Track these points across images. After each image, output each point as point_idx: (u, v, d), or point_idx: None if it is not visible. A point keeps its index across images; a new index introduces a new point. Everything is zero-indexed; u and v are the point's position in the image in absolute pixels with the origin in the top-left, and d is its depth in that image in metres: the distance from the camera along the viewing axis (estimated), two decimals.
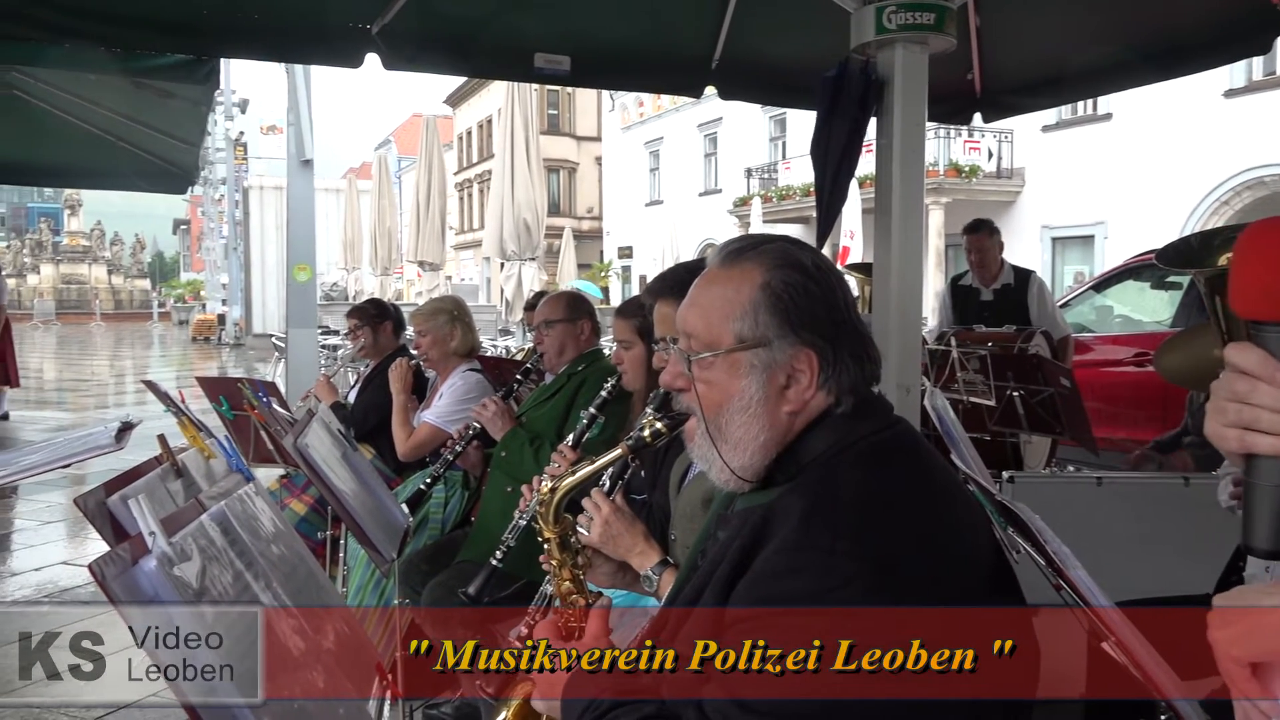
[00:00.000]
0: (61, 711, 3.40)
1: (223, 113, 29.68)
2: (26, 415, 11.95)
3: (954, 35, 3.30)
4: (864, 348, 1.31)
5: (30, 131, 6.52)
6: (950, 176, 19.63)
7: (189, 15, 3.89)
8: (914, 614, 1.09)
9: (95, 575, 1.03)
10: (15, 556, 5.81)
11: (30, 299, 45.52)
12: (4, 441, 9.94)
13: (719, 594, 1.21)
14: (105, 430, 2.42)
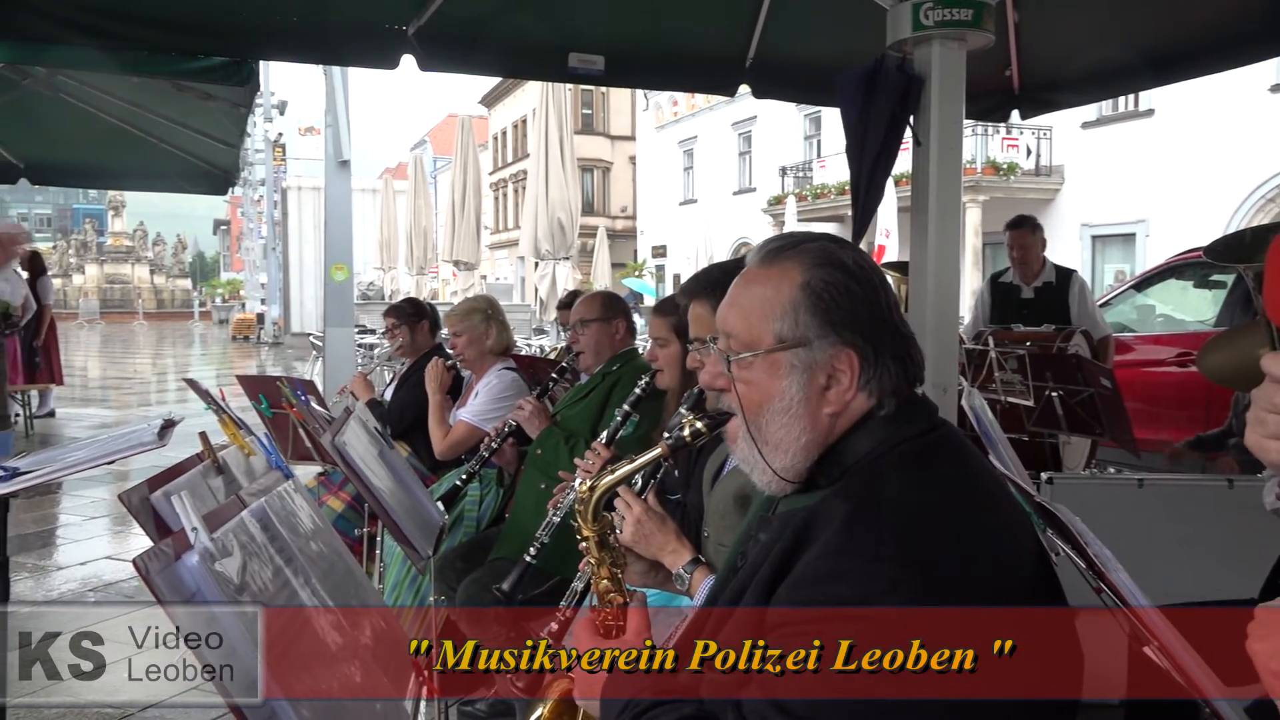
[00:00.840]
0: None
1: (262, 114, 30.05)
2: (71, 412, 12.19)
3: (992, 31, 3.27)
4: (907, 349, 1.29)
5: (76, 134, 6.65)
6: (988, 174, 19.42)
7: (229, 18, 3.95)
8: (954, 614, 1.08)
9: (139, 570, 1.05)
10: (61, 551, 5.92)
11: (75, 298, 46.37)
12: (50, 438, 10.14)
13: (760, 596, 1.20)
14: (148, 428, 2.46)
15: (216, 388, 2.96)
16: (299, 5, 4.00)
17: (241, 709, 1.08)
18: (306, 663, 1.23)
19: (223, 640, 1.11)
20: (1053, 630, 1.17)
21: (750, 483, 1.35)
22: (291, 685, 1.16)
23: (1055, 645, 1.18)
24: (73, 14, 3.67)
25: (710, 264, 2.48)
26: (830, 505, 1.20)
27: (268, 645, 1.16)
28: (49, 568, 5.53)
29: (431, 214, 21.78)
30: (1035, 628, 1.14)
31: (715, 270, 2.19)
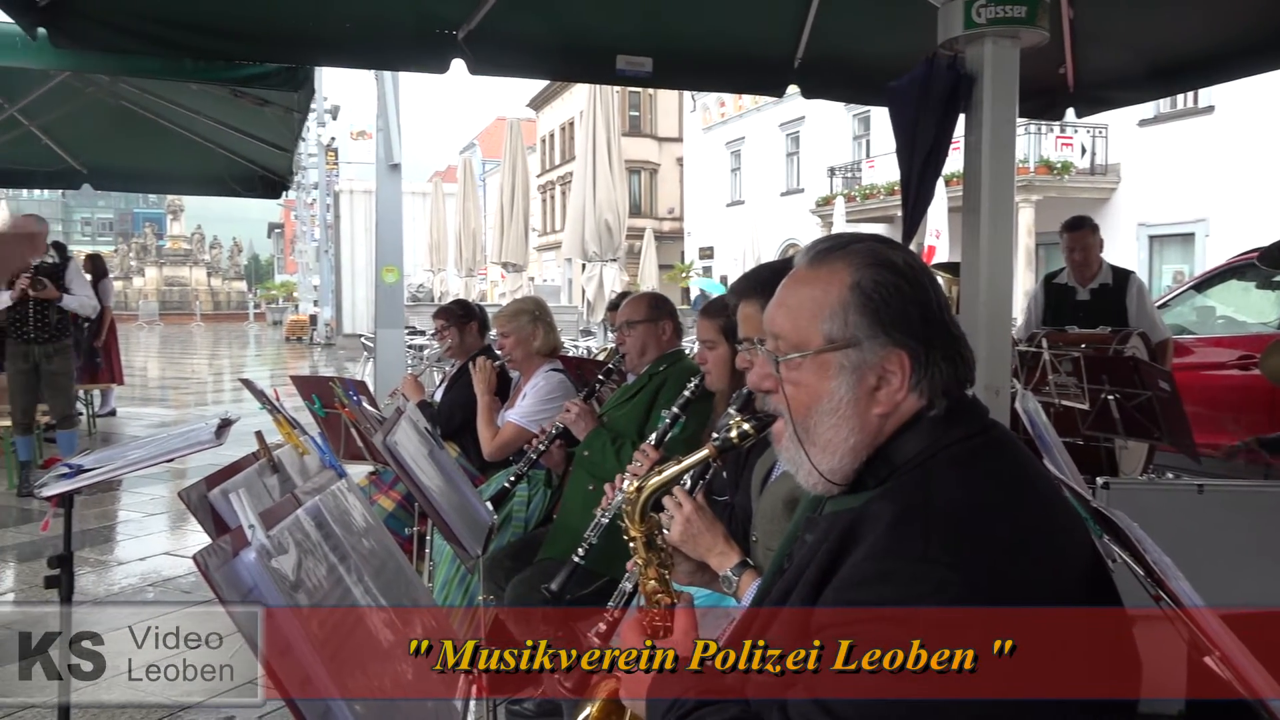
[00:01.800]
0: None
1: (315, 119, 30.52)
2: (132, 411, 12.49)
3: (1046, 28, 3.21)
4: (958, 349, 1.27)
5: (137, 140, 6.83)
6: (1041, 174, 19.10)
7: (285, 25, 4.02)
8: (1003, 615, 1.07)
9: (199, 566, 1.07)
10: (121, 547, 6.07)
11: (135, 300, 47.52)
12: (111, 437, 10.41)
13: (806, 598, 1.19)
14: (206, 427, 2.52)
15: (271, 388, 3.02)
16: (353, 12, 4.06)
17: (298, 706, 1.10)
18: (360, 660, 1.25)
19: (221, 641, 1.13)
20: (1106, 632, 1.15)
21: (799, 485, 1.34)
22: (345, 683, 1.18)
23: (1109, 647, 1.15)
24: (134, 23, 3.77)
25: (759, 264, 2.47)
26: (878, 506, 1.18)
27: (321, 643, 1.18)
28: (110, 563, 5.68)
29: (480, 216, 21.96)
30: (1087, 629, 1.12)
31: (765, 270, 2.18)
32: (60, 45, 3.69)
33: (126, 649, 2.13)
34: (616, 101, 13.11)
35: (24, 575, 5.37)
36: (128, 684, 2.21)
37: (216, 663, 2.20)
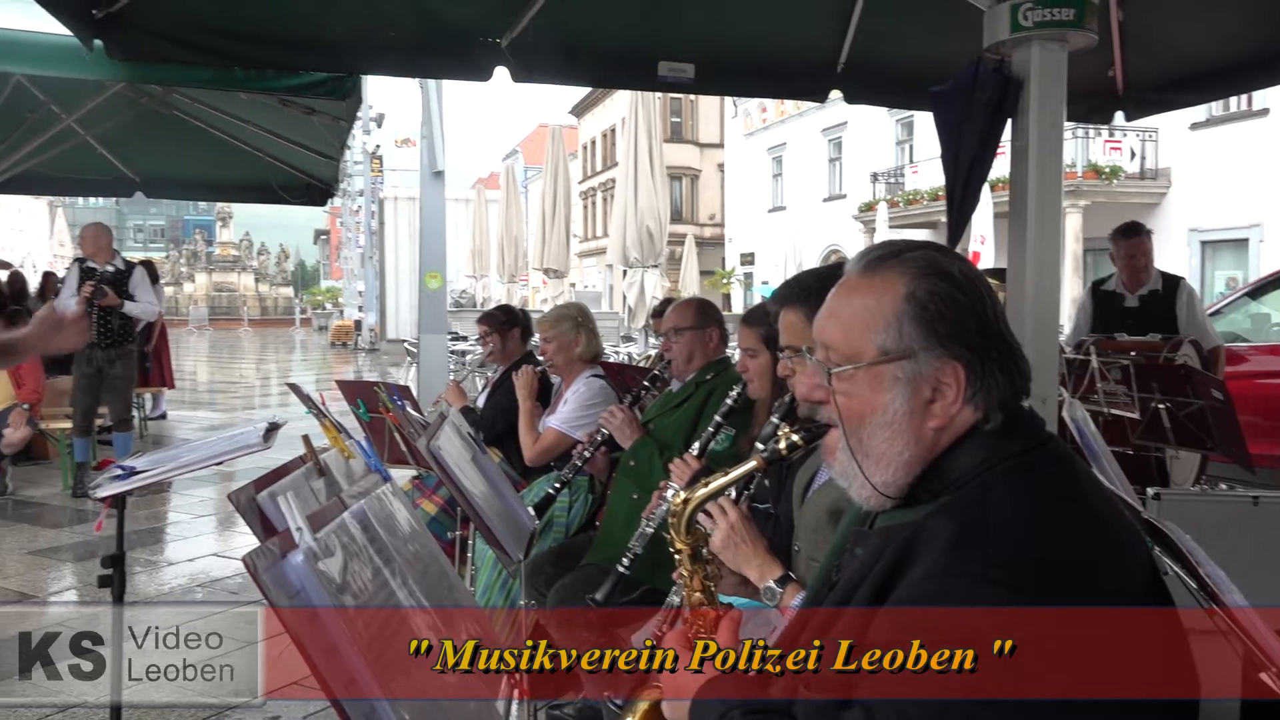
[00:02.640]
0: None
1: (360, 127, 30.94)
2: (182, 415, 12.73)
3: (1095, 31, 3.16)
4: (1014, 360, 1.24)
5: (188, 149, 6.97)
6: (1089, 178, 18.81)
7: (332, 35, 4.08)
8: (1068, 615, 1.05)
9: (248, 567, 1.09)
10: (171, 548, 6.19)
11: (186, 306, 48.48)
12: (162, 439, 10.62)
13: (861, 616, 1.17)
14: (254, 430, 2.56)
15: (317, 392, 3.06)
16: (399, 20, 4.12)
17: (344, 706, 1.11)
18: (404, 663, 1.26)
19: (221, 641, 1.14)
20: (1168, 635, 1.13)
21: (843, 497, 1.32)
22: (390, 685, 1.19)
23: (1171, 649, 1.13)
24: (187, 34, 3.85)
25: (801, 270, 2.45)
26: (935, 523, 1.16)
27: (366, 645, 1.19)
28: (160, 563, 5.79)
29: (522, 223, 22.11)
30: (1150, 630, 1.11)
31: (808, 277, 2.16)
32: (115, 57, 3.78)
33: (127, 649, 2.15)
34: (658, 108, 13.13)
35: (80, 574, 5.50)
36: (128, 684, 2.24)
37: (216, 663, 2.22)
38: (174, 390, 12.85)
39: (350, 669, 1.14)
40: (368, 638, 1.19)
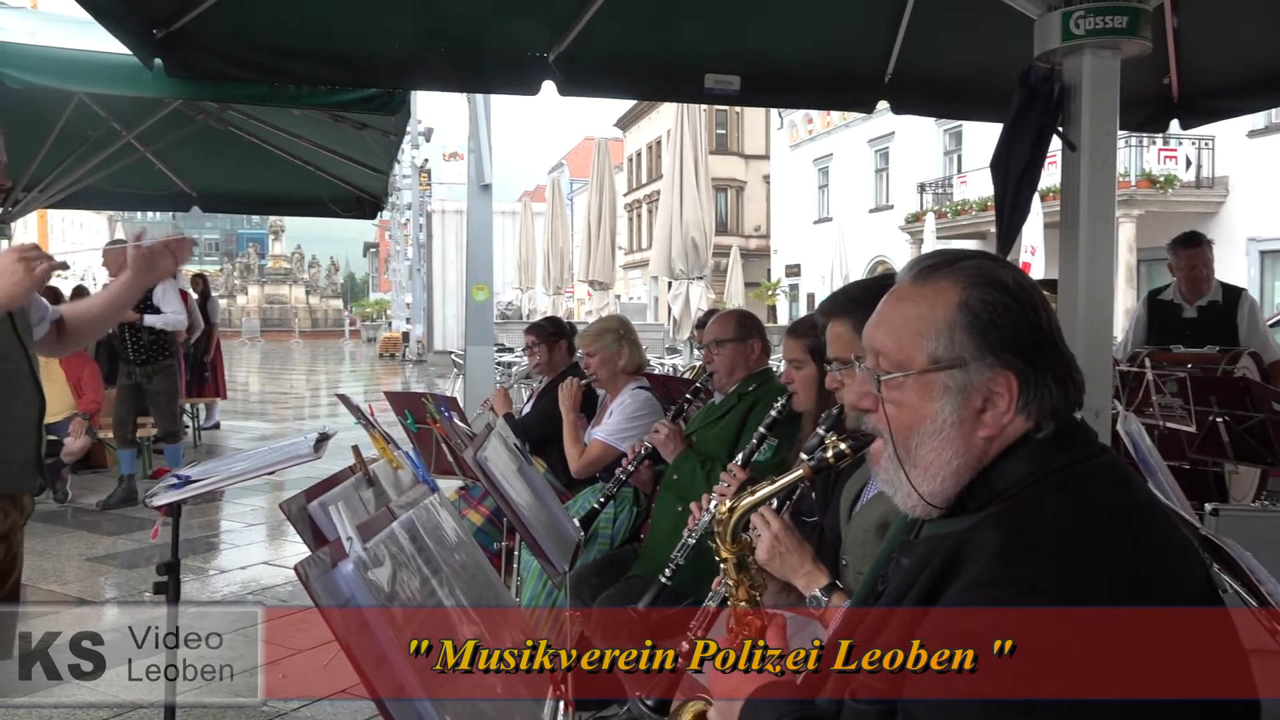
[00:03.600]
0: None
1: (409, 142, 31.36)
2: (234, 425, 12.97)
3: (1149, 39, 3.11)
4: (1067, 370, 1.23)
5: (243, 164, 7.12)
6: (1143, 187, 18.46)
7: (383, 52, 4.16)
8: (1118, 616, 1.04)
9: (300, 575, 1.11)
10: (223, 556, 6.30)
11: (239, 318, 49.42)
12: (215, 449, 10.82)
13: (906, 624, 1.16)
14: (305, 441, 2.60)
15: (366, 403, 3.10)
16: (449, 36, 4.18)
17: (387, 707, 1.12)
18: (453, 676, 1.27)
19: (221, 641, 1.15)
20: (1221, 643, 1.10)
21: (892, 510, 1.31)
22: (437, 691, 1.20)
23: (1227, 650, 1.11)
24: (242, 52, 3.95)
25: (849, 282, 2.44)
26: (982, 532, 1.15)
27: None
28: (212, 571, 5.89)
29: (568, 235, 22.22)
30: (1202, 635, 1.09)
31: (855, 288, 2.15)
32: (174, 75, 3.89)
33: (127, 649, 2.17)
34: (703, 120, 13.14)
35: (136, 581, 5.62)
36: (128, 684, 2.26)
37: (216, 663, 2.25)
38: (226, 400, 13.10)
39: (399, 676, 1.15)
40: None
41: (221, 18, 3.67)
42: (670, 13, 4.31)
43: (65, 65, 4.51)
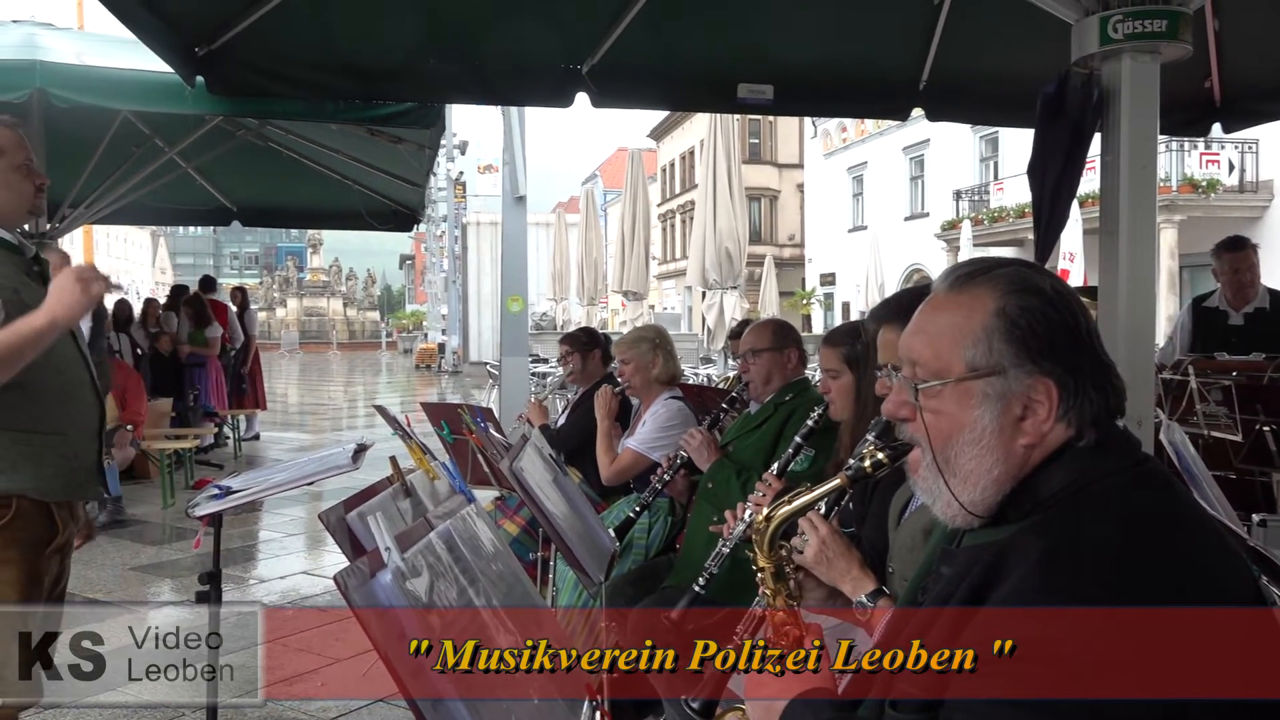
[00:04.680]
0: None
1: (445, 155, 31.64)
2: (273, 436, 13.13)
3: (1189, 42, 3.07)
4: (1108, 378, 1.22)
5: (282, 179, 7.25)
6: (1185, 192, 18.17)
7: (419, 66, 4.20)
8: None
9: (339, 585, 1.12)
10: (262, 565, 6.37)
11: (278, 330, 50.05)
12: (255, 460, 10.96)
13: (946, 634, 1.15)
14: (343, 451, 2.63)
15: (402, 414, 3.13)
16: (484, 50, 4.22)
17: (419, 707, 1.13)
18: (488, 680, 1.28)
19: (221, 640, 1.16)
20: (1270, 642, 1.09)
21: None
22: (474, 704, 1.21)
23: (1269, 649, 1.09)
24: (281, 68, 4.02)
25: (885, 290, 2.43)
26: (1024, 540, 1.14)
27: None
28: (251, 580, 5.96)
29: (602, 246, 22.30)
30: (1250, 633, 1.07)
31: (906, 295, 2.15)
32: (215, 92, 3.97)
33: (128, 649, 2.18)
34: (737, 129, 13.15)
35: (178, 590, 5.70)
36: (128, 684, 2.28)
37: (216, 663, 2.26)
38: (266, 411, 13.26)
39: (436, 687, 1.16)
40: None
41: (261, 35, 3.74)
42: (702, 23, 4.32)
43: (110, 84, 4.62)
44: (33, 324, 2.22)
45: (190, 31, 3.70)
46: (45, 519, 2.41)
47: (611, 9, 4.04)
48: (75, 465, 2.48)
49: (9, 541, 2.32)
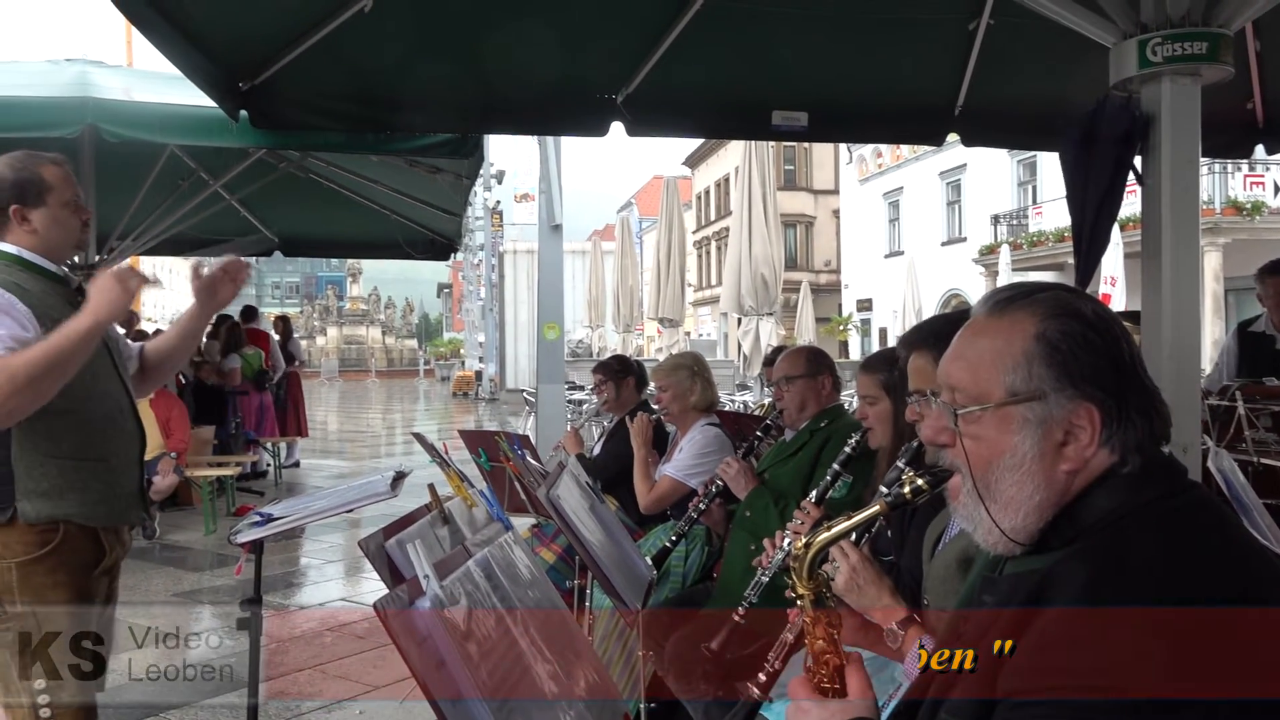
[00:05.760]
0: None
1: (482, 184, 32.01)
2: (313, 463, 13.26)
3: (1231, 64, 3.03)
4: (1151, 403, 1.20)
5: (323, 209, 7.36)
6: (1228, 215, 17.91)
7: (458, 98, 4.27)
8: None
9: (380, 613, 1.13)
10: (302, 592, 6.42)
11: (318, 358, 50.68)
12: (295, 487, 11.07)
13: (990, 663, 1.14)
14: (382, 479, 2.65)
15: (440, 442, 3.15)
16: (521, 82, 4.27)
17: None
18: (526, 711, 1.27)
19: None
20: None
21: (973, 545, 1.29)
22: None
23: None
24: (323, 102, 4.10)
25: (923, 315, 2.41)
26: (1068, 567, 1.12)
27: (490, 692, 1.21)
28: (291, 607, 6.00)
29: (637, 273, 22.39)
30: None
31: (938, 320, 2.13)
32: (258, 126, 4.05)
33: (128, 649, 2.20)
34: (771, 156, 13.17)
35: (220, 617, 5.75)
36: (129, 683, 2.31)
37: (216, 663, 2.28)
38: (306, 439, 13.40)
39: (474, 713, 1.16)
40: (492, 685, 1.21)
41: (303, 70, 3.82)
42: (736, 52, 4.35)
43: (158, 119, 4.74)
44: (78, 326, 2.29)
45: (235, 68, 3.79)
46: (92, 543, 2.47)
47: (646, 40, 4.08)
48: (118, 491, 2.54)
49: (57, 565, 2.38)
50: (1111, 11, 2.98)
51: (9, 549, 2.34)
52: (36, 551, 2.35)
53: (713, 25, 4.00)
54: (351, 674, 4.64)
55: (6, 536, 2.34)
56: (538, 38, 3.97)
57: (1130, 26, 2.96)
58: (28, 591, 2.34)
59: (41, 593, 2.35)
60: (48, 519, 2.37)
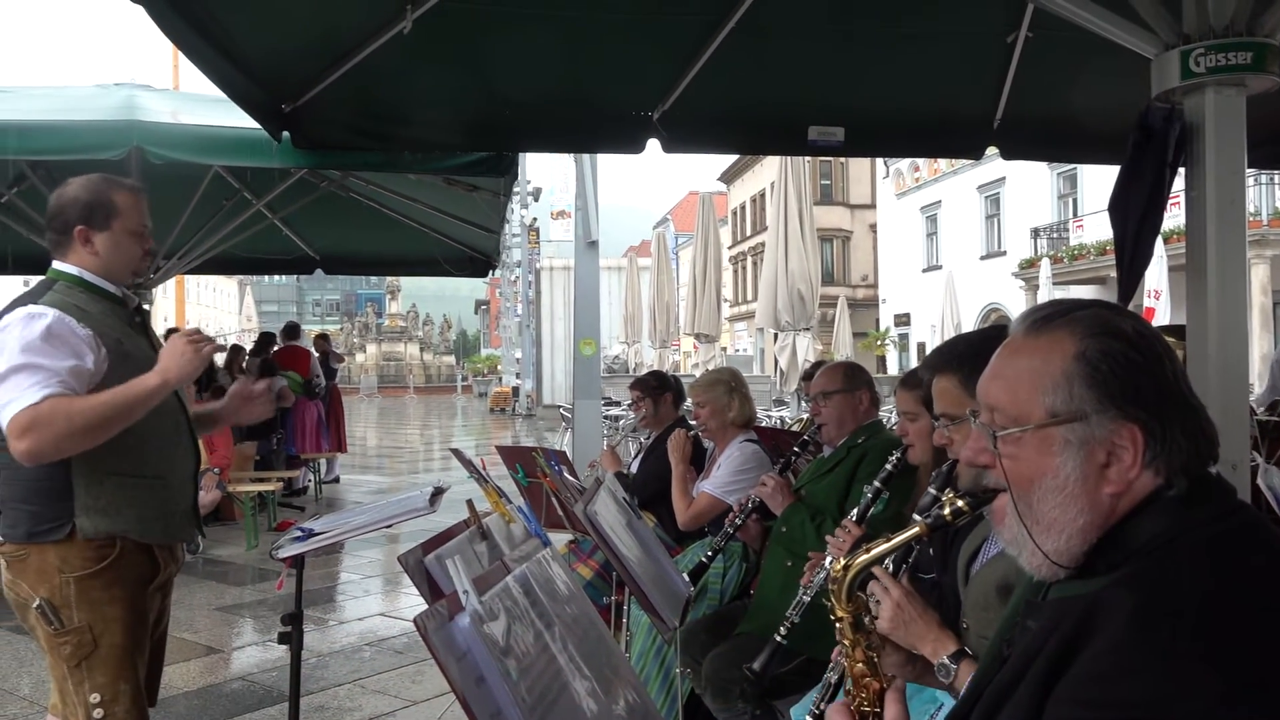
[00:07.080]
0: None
1: (519, 202, 32.27)
2: (353, 479, 13.39)
3: (1277, 73, 2.98)
4: (1198, 422, 1.17)
5: (363, 227, 7.46)
6: (1275, 226, 17.58)
7: (494, 116, 4.31)
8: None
9: (419, 628, 1.14)
10: (342, 607, 6.47)
11: (358, 375, 51.23)
12: (335, 502, 11.17)
13: (1035, 693, 1.10)
14: (421, 495, 2.67)
15: (478, 457, 3.16)
16: (558, 100, 4.31)
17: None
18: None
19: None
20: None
21: (1013, 570, 1.26)
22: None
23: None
24: (363, 123, 4.16)
25: (955, 335, 2.39)
26: (1116, 594, 1.09)
27: (529, 709, 1.21)
28: (331, 621, 6.05)
29: (673, 289, 22.41)
30: None
31: (960, 342, 2.10)
32: (300, 146, 4.12)
33: None
34: (807, 171, 13.17)
35: (261, 631, 5.81)
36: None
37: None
38: (346, 454, 13.54)
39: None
40: (531, 702, 1.21)
41: (344, 91, 3.87)
42: (772, 68, 4.35)
43: (202, 141, 4.83)
44: (146, 384, 2.36)
45: (277, 90, 3.86)
46: (147, 559, 2.51)
47: (681, 58, 4.09)
48: (174, 509, 2.58)
49: (114, 580, 2.43)
50: (1153, 22, 2.94)
51: (67, 564, 2.39)
52: (94, 567, 2.40)
53: (747, 43, 4.00)
54: (390, 689, 4.66)
55: (65, 552, 2.39)
56: (573, 57, 4.01)
57: (1172, 37, 2.92)
58: (84, 606, 2.39)
59: (98, 607, 2.40)
60: (105, 535, 2.41)
